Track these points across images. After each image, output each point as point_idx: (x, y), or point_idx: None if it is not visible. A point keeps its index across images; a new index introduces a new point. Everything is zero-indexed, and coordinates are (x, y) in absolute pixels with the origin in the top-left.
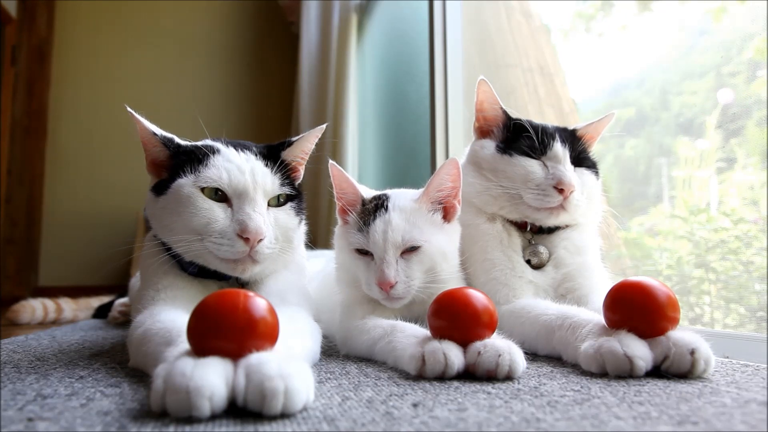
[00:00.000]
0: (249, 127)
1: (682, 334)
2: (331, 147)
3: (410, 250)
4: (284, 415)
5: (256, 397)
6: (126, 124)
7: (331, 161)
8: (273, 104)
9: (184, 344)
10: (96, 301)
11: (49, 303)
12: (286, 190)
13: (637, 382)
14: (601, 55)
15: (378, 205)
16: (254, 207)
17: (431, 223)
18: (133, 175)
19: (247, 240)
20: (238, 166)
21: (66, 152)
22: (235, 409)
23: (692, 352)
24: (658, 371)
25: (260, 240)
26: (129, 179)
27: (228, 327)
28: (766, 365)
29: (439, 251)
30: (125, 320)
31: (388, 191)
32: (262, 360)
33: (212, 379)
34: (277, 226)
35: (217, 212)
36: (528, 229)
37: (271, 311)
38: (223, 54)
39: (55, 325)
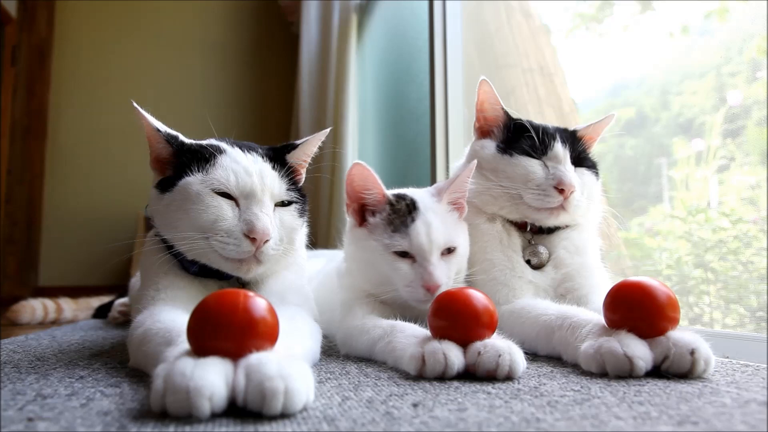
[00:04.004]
0: (249, 127)
1: (682, 334)
2: (331, 148)
3: (446, 252)
4: (284, 415)
5: (256, 397)
6: (126, 123)
7: (357, 160)
8: (273, 104)
9: (184, 344)
10: (96, 301)
11: (49, 303)
12: (293, 194)
13: (637, 382)
14: (602, 55)
15: (409, 205)
16: (261, 208)
17: (455, 223)
18: (133, 175)
19: (253, 240)
20: (245, 167)
21: (66, 152)
22: (235, 409)
23: (692, 352)
24: (658, 371)
25: (266, 240)
26: (129, 179)
27: (228, 327)
28: (766, 365)
29: (465, 251)
30: (125, 320)
31: (402, 191)
32: (262, 360)
33: (212, 379)
34: (282, 227)
35: (226, 210)
36: (528, 229)
37: (271, 311)
38: (223, 54)
39: (55, 325)
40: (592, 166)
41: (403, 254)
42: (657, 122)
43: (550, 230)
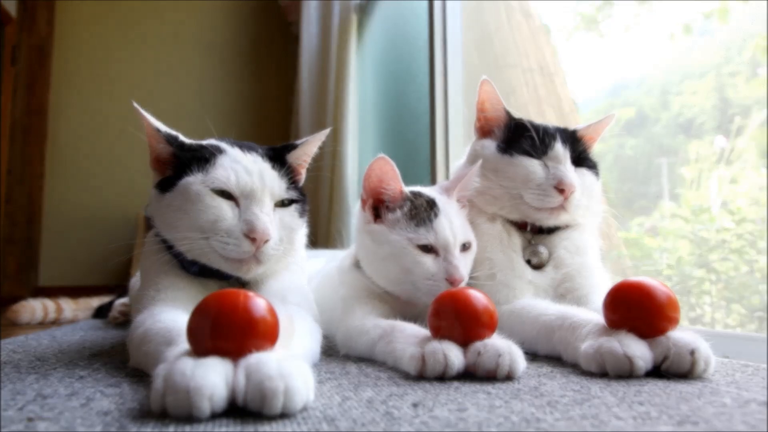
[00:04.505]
0: (249, 127)
1: (682, 334)
2: (331, 147)
3: (462, 248)
4: (284, 415)
5: (256, 396)
6: (126, 123)
7: (381, 154)
8: (273, 104)
9: (184, 344)
10: (96, 301)
11: (49, 303)
12: (293, 194)
13: (637, 382)
14: (602, 55)
15: (429, 201)
16: (262, 208)
17: (466, 221)
18: (133, 175)
19: (253, 240)
20: (245, 167)
21: (66, 152)
22: (235, 409)
23: (692, 352)
24: (658, 371)
25: (266, 241)
26: (129, 179)
27: (228, 327)
28: (766, 365)
29: (476, 248)
30: (125, 320)
31: (413, 188)
32: (262, 360)
33: (212, 378)
34: (282, 227)
35: (226, 210)
36: (528, 229)
37: (271, 311)
38: (223, 54)
39: (55, 325)
40: (592, 166)
41: (426, 248)
42: (657, 122)
43: (550, 230)
